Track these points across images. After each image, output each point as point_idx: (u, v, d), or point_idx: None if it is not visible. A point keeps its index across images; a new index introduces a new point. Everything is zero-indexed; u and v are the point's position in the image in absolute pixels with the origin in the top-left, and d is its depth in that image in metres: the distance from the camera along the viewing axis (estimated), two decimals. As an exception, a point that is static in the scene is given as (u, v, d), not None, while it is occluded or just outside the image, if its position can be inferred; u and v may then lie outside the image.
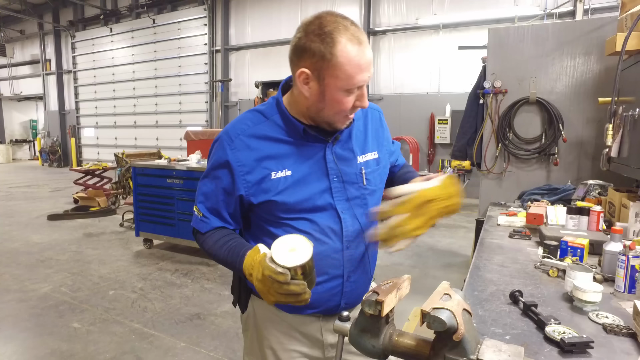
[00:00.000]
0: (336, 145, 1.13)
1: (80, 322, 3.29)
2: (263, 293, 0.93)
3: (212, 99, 12.37)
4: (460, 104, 5.44)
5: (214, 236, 1.11)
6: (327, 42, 0.95)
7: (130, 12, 13.90)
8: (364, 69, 0.99)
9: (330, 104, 1.02)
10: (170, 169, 4.90)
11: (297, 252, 0.90)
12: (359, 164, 1.16)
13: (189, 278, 4.26)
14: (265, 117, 1.12)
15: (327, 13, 1.00)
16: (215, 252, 1.10)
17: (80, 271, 4.47)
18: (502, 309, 1.34)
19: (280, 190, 1.07)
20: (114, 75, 14.67)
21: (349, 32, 0.97)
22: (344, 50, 0.96)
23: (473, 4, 8.41)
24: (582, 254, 1.70)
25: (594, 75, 3.32)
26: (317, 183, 1.10)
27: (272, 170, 1.07)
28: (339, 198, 1.12)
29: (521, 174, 3.66)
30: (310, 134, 1.09)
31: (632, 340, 1.11)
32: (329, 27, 0.96)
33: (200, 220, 1.13)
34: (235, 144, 1.08)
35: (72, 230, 6.30)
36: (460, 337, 0.80)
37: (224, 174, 1.09)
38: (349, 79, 0.98)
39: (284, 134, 1.10)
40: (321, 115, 1.06)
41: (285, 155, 1.08)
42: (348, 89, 1.00)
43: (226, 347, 2.93)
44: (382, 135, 1.27)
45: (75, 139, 16.13)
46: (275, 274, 0.87)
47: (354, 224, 1.14)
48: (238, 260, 1.01)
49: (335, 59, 0.96)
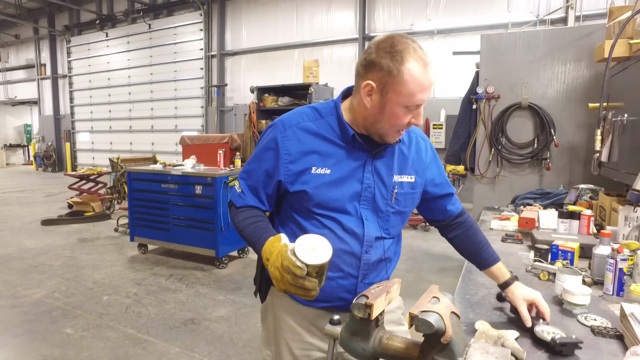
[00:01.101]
0: (377, 159, 1.19)
1: (74, 328, 3.27)
2: (275, 279, 0.99)
3: (208, 104, 12.38)
4: (454, 109, 5.48)
5: (245, 213, 1.19)
6: (397, 60, 1.03)
7: (126, 17, 13.90)
8: (426, 90, 1.06)
9: (388, 117, 1.09)
10: (165, 173, 4.89)
11: (317, 252, 0.95)
12: (393, 183, 1.21)
13: (183, 283, 4.24)
14: (320, 115, 1.19)
15: (399, 35, 1.08)
16: (242, 227, 1.18)
17: (74, 276, 4.44)
18: (493, 312, 1.36)
19: (316, 185, 1.14)
20: (109, 80, 14.63)
21: (417, 54, 1.05)
22: (411, 69, 1.03)
23: (467, 10, 8.49)
24: (573, 257, 1.72)
25: (584, 81, 3.38)
26: (350, 188, 1.16)
27: (314, 166, 1.15)
28: (365, 207, 1.18)
29: (514, 178, 3.69)
30: (358, 142, 1.16)
31: (619, 342, 1.13)
32: (400, 47, 1.04)
33: (238, 195, 1.22)
34: (287, 133, 1.16)
35: (66, 235, 6.25)
36: (448, 339, 0.81)
37: (269, 157, 1.17)
38: (411, 96, 1.05)
39: (334, 135, 1.17)
40: (376, 127, 1.13)
41: (329, 155, 1.16)
42: (407, 106, 1.07)
43: (220, 352, 2.92)
44: (425, 165, 1.29)
45: (70, 143, 16.05)
46: (294, 266, 0.93)
47: (375, 232, 1.20)
48: (259, 242, 1.08)
49: (401, 76, 1.04)
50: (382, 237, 1.22)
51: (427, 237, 6.17)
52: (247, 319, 3.44)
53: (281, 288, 0.98)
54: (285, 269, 0.95)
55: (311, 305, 1.22)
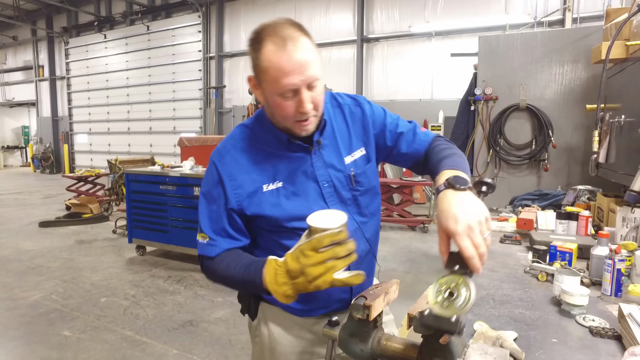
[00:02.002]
0: (322, 150, 1.13)
1: (71, 330, 3.26)
2: (320, 275, 0.85)
3: (206, 106, 12.38)
4: (452, 110, 5.51)
5: (223, 262, 1.06)
6: (256, 47, 0.97)
7: (124, 19, 13.91)
8: (290, 73, 0.94)
9: (274, 109, 1.02)
10: (163, 175, 4.89)
11: (330, 217, 0.88)
12: (347, 166, 1.15)
13: (182, 285, 4.23)
14: (252, 131, 1.13)
15: (274, 20, 1.00)
16: (227, 276, 1.05)
17: (71, 278, 4.43)
18: (491, 312, 1.36)
19: (274, 203, 1.07)
20: (107, 81, 14.63)
21: (277, 33, 0.95)
22: (267, 53, 0.95)
23: (465, 12, 8.52)
24: (571, 258, 1.72)
25: (581, 83, 3.39)
26: (310, 192, 1.11)
27: (263, 183, 1.08)
28: (333, 202, 1.13)
29: (512, 179, 3.70)
30: (295, 143, 1.09)
31: (617, 343, 1.13)
32: (261, 31, 0.97)
33: (207, 245, 1.09)
34: (225, 160, 1.10)
35: (63, 237, 6.23)
36: (446, 340, 0.81)
37: (218, 191, 1.09)
38: (275, 82, 0.96)
39: (270, 145, 1.10)
40: (276, 122, 1.07)
41: (274, 167, 1.09)
42: (281, 94, 0.97)
43: (219, 353, 2.91)
44: (368, 127, 1.20)
45: (68, 145, 16.02)
46: (336, 234, 0.83)
47: (352, 224, 1.13)
48: (257, 275, 0.95)
49: (262, 64, 0.97)
50: (358, 225, 1.16)
51: (426, 239, 6.18)
52: (246, 320, 3.42)
53: (329, 279, 0.85)
54: (329, 247, 0.83)
55: (310, 315, 1.18)
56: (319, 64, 1.00)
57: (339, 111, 1.19)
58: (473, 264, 0.77)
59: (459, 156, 1.07)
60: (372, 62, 9.94)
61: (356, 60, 9.97)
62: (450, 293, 0.78)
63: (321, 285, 0.86)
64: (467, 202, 0.83)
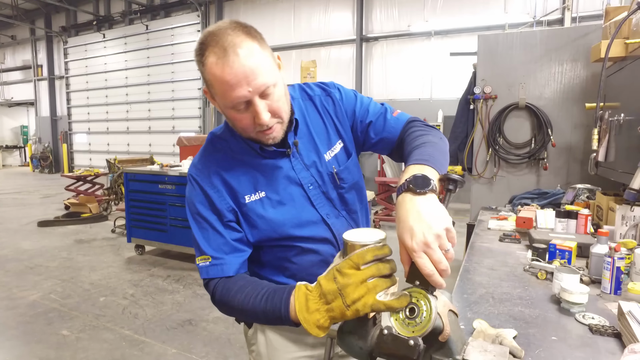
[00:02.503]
0: (301, 151, 1.06)
1: (70, 330, 3.25)
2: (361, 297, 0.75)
3: (206, 105, 12.36)
4: (452, 110, 5.51)
5: (242, 287, 0.95)
6: (201, 61, 0.89)
7: (123, 18, 13.89)
8: (235, 85, 0.86)
9: (232, 122, 0.97)
10: (162, 174, 4.88)
11: (367, 233, 0.81)
12: (328, 163, 1.09)
13: (180, 284, 4.23)
14: (225, 141, 1.06)
15: (220, 23, 0.90)
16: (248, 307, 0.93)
17: (70, 278, 4.42)
18: (490, 310, 1.35)
19: (259, 214, 1.02)
20: (106, 81, 14.61)
21: (218, 44, 0.86)
22: (209, 67, 0.87)
23: (464, 12, 8.52)
24: (570, 256, 1.72)
25: (581, 81, 3.39)
26: (295, 196, 1.04)
27: (245, 194, 1.02)
28: (320, 204, 1.07)
29: (511, 178, 3.70)
30: (268, 150, 1.02)
31: (617, 340, 1.12)
32: (203, 41, 0.89)
33: (212, 266, 0.99)
34: (204, 172, 1.03)
35: (62, 236, 6.22)
36: (446, 337, 0.80)
37: (206, 208, 1.01)
38: (223, 97, 0.89)
39: (246, 154, 1.03)
40: (239, 132, 1.00)
41: (253, 177, 1.03)
42: (233, 107, 0.90)
43: (218, 353, 2.91)
44: (342, 117, 1.12)
45: (67, 145, 16.00)
46: (379, 249, 0.75)
47: (342, 224, 1.11)
48: (285, 304, 0.85)
49: (207, 77, 0.89)
50: (349, 223, 1.12)
51: (425, 238, 6.17)
52: (245, 319, 3.43)
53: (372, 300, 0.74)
54: (372, 264, 0.74)
55: None
56: (272, 68, 0.92)
57: (310, 104, 1.12)
58: (433, 281, 0.71)
59: (431, 144, 0.95)
60: (371, 61, 9.94)
61: (355, 59, 9.96)
62: (412, 309, 0.74)
63: (361, 309, 0.75)
64: (426, 211, 0.73)
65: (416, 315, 0.73)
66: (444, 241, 0.72)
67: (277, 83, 0.93)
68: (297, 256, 1.07)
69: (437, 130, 1.08)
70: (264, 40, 0.94)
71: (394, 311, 0.76)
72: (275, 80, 0.92)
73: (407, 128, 1.08)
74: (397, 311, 0.74)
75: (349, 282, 0.75)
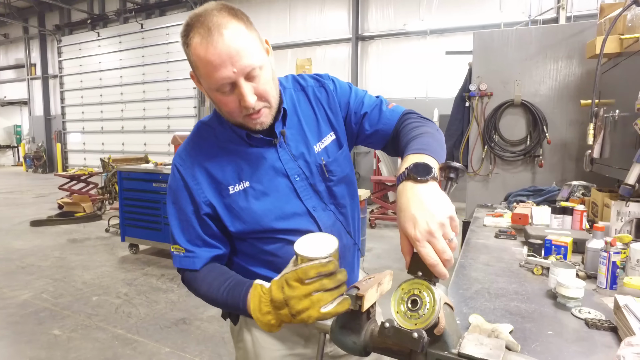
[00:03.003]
0: (289, 141, 1.04)
1: (61, 329, 3.21)
2: (305, 309, 0.76)
3: (201, 104, 12.30)
4: (447, 108, 5.51)
5: (207, 279, 0.99)
6: (185, 41, 0.88)
7: (118, 17, 13.80)
8: (220, 65, 0.85)
9: (218, 106, 0.95)
10: (157, 172, 4.84)
11: (320, 243, 0.81)
12: (318, 154, 1.06)
13: (175, 283, 4.19)
14: (211, 128, 1.05)
15: (204, 6, 0.88)
16: (211, 296, 0.97)
17: (62, 277, 4.37)
18: (486, 306, 1.34)
19: (242, 206, 1.00)
20: (101, 80, 14.50)
21: (204, 25, 0.85)
22: (194, 47, 0.86)
23: (460, 11, 8.53)
24: (566, 252, 1.71)
25: (576, 78, 3.39)
26: (280, 187, 1.02)
27: (228, 185, 1.00)
28: (307, 196, 1.05)
29: (507, 175, 3.70)
30: (255, 138, 1.00)
31: (613, 334, 1.11)
32: (189, 23, 0.87)
33: (184, 257, 1.01)
34: (188, 163, 1.02)
35: (55, 236, 6.16)
36: (441, 331, 0.78)
37: (185, 198, 1.01)
38: (208, 78, 0.88)
39: (232, 142, 1.02)
40: (226, 118, 0.98)
41: (238, 166, 1.01)
42: (218, 89, 0.89)
43: (212, 351, 2.88)
44: (336, 108, 1.10)
45: (61, 144, 15.87)
46: (324, 265, 0.75)
47: (329, 217, 1.08)
48: (243, 300, 0.89)
49: (192, 59, 0.88)
50: (337, 217, 1.09)
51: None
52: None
53: (316, 313, 0.76)
54: (316, 279, 0.76)
55: None
56: (258, 50, 0.90)
57: (302, 95, 1.10)
58: (437, 272, 0.69)
59: (429, 135, 0.93)
60: (367, 60, 9.93)
61: (351, 58, 9.95)
62: (414, 301, 0.72)
63: (306, 320, 0.77)
64: (429, 199, 0.71)
65: (419, 307, 0.71)
66: (447, 230, 0.70)
67: (263, 66, 0.91)
68: (281, 249, 1.04)
69: (432, 122, 1.06)
70: (251, 23, 0.92)
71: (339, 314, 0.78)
72: (261, 63, 0.90)
73: (403, 120, 1.06)
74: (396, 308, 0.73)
75: (293, 295, 0.76)
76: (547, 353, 1.03)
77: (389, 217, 6.85)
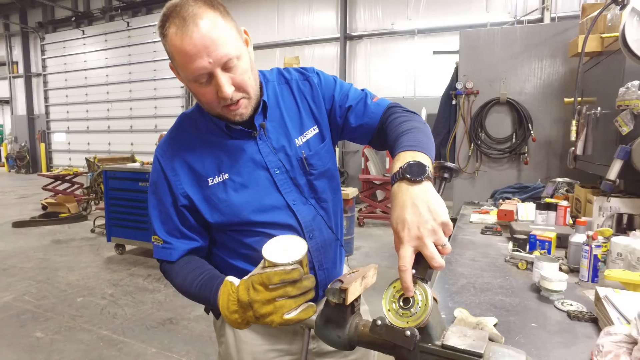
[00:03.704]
0: (269, 134, 1.03)
1: (44, 332, 3.14)
2: (268, 313, 0.78)
3: (189, 103, 12.19)
4: (435, 107, 5.56)
5: (182, 272, 1.00)
6: (162, 33, 0.88)
7: (103, 15, 13.58)
8: (195, 56, 0.84)
9: (197, 96, 0.95)
10: (143, 172, 4.78)
11: (289, 248, 0.83)
12: (299, 148, 1.05)
13: (161, 283, 4.14)
14: (193, 120, 1.05)
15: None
16: (185, 290, 0.99)
17: (46, 279, 4.28)
18: (471, 300, 1.35)
19: (221, 198, 1.00)
20: (86, 79, 14.27)
21: (179, 14, 0.84)
22: (170, 37, 0.85)
23: (447, 11, 8.60)
24: (550, 246, 1.73)
25: (559, 77, 3.44)
26: (260, 180, 1.02)
27: (208, 177, 1.00)
28: (287, 190, 1.04)
29: (493, 173, 3.74)
30: (235, 129, 1.00)
31: (594, 325, 1.13)
32: (166, 13, 0.87)
33: (162, 248, 1.03)
34: (168, 154, 1.02)
35: (39, 237, 6.04)
36: (425, 323, 0.79)
37: (164, 189, 1.01)
38: (184, 69, 0.88)
39: (213, 134, 1.02)
40: (206, 109, 0.99)
41: (218, 158, 1.01)
42: (194, 80, 0.89)
43: (199, 351, 2.85)
44: (320, 102, 1.09)
45: (45, 144, 15.56)
46: (288, 273, 0.77)
47: (309, 212, 1.07)
48: (213, 296, 0.90)
49: (169, 50, 0.88)
50: (317, 212, 1.08)
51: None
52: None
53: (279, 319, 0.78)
54: (279, 285, 0.77)
55: None
56: (235, 40, 0.89)
57: (286, 88, 1.09)
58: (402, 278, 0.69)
59: (419, 131, 0.92)
60: (355, 59, 9.95)
61: (339, 57, 9.96)
62: (406, 299, 0.72)
63: (270, 324, 0.79)
64: (422, 203, 0.70)
65: (410, 305, 0.71)
66: (440, 236, 0.69)
67: (241, 56, 0.90)
68: (259, 243, 1.01)
69: (418, 115, 1.06)
70: (227, 13, 0.91)
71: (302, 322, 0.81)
72: (238, 53, 0.89)
73: (389, 114, 1.05)
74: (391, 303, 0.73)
75: (257, 299, 0.79)
76: (531, 344, 1.05)
77: (378, 216, 6.88)
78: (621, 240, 1.49)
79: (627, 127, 1.89)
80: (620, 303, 1.07)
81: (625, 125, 1.89)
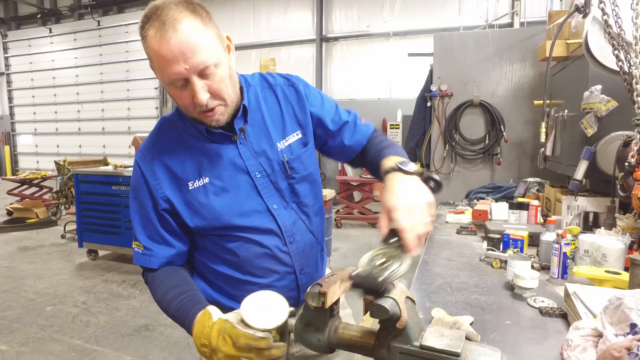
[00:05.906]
0: (250, 138, 1.03)
1: (9, 344, 3.00)
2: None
3: (163, 105, 11.93)
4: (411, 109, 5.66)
5: (163, 285, 0.99)
6: (143, 35, 0.87)
7: (72, 13, 13.13)
8: (172, 61, 0.84)
9: (174, 100, 0.95)
10: (116, 175, 4.65)
11: (270, 310, 0.83)
12: (280, 152, 1.05)
13: (137, 289, 4.03)
14: (173, 123, 1.04)
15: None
16: (165, 305, 0.99)
17: (11, 288, 4.10)
18: (448, 299, 1.38)
19: (201, 202, 0.99)
20: (54, 79, 13.76)
21: (159, 18, 0.84)
22: (148, 40, 0.85)
23: (421, 13, 8.77)
24: (523, 245, 1.79)
25: (529, 80, 3.56)
26: (240, 184, 1.01)
27: (188, 181, 1.00)
28: (268, 194, 1.04)
29: (467, 173, 3.83)
30: (215, 133, 0.99)
31: (564, 320, 1.18)
32: (147, 14, 0.86)
33: (142, 254, 1.02)
34: (148, 158, 1.02)
35: (3, 244, 5.78)
36: (403, 324, 0.80)
37: (145, 193, 1.01)
38: (161, 72, 0.88)
39: (193, 138, 1.01)
40: (183, 112, 0.98)
41: (198, 162, 1.00)
42: (170, 83, 0.89)
43: (176, 357, 2.79)
44: (305, 109, 1.10)
45: (10, 147, 14.91)
46: (255, 340, 0.77)
47: (290, 216, 1.07)
48: (187, 322, 0.91)
49: (148, 51, 0.88)
50: (298, 216, 1.08)
51: (387, 235, 6.26)
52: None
53: None
54: (245, 347, 0.78)
55: None
56: (215, 47, 0.89)
57: (270, 92, 1.09)
58: (406, 237, 0.77)
59: (400, 147, 1.10)
60: (331, 61, 9.99)
61: (315, 59, 9.98)
62: (383, 263, 0.78)
63: None
64: (414, 186, 0.85)
65: (386, 267, 0.78)
66: (425, 212, 0.82)
67: (219, 63, 0.90)
68: (241, 248, 1.04)
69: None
70: (210, 19, 0.91)
71: None
72: (217, 60, 0.89)
73: (375, 135, 1.17)
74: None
75: (223, 350, 0.80)
76: (505, 342, 1.08)
77: (355, 217, 6.92)
78: (587, 238, 1.55)
79: (591, 129, 1.97)
80: (587, 298, 1.11)
81: (590, 127, 1.98)
